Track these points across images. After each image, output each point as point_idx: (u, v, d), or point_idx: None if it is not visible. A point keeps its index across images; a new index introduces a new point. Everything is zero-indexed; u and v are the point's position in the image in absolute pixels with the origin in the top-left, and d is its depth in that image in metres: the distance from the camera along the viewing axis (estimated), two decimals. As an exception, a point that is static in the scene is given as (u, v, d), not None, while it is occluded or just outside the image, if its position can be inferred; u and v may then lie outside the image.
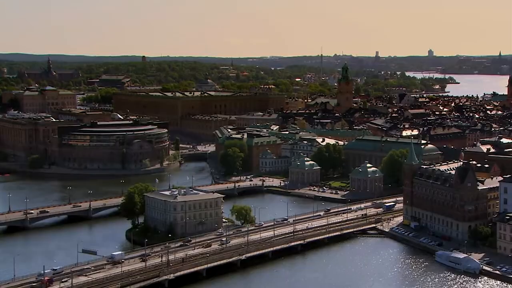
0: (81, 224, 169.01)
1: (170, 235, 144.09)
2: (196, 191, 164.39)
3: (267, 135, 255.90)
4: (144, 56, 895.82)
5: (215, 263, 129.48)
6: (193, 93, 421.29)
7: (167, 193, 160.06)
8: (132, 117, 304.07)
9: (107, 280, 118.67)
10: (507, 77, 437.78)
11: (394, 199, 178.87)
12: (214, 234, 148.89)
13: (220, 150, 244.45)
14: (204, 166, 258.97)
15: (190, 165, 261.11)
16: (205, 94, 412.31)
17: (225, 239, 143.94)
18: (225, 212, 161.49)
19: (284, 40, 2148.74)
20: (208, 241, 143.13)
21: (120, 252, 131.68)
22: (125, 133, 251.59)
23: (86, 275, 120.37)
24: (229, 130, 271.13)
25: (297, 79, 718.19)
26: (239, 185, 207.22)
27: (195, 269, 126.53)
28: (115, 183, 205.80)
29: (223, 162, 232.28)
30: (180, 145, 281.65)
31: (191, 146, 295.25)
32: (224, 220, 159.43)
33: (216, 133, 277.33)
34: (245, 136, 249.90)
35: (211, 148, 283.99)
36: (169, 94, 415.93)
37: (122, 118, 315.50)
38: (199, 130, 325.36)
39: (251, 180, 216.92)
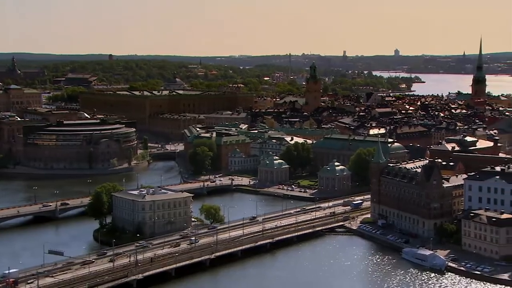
0: (48, 224, 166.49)
1: (138, 235, 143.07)
2: (164, 191, 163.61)
3: (236, 134, 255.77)
4: (111, 55, 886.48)
5: (184, 263, 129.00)
6: (161, 92, 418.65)
7: (135, 192, 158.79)
8: (99, 116, 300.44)
9: (74, 281, 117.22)
10: (471, 76, 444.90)
11: (362, 197, 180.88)
12: (180, 234, 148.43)
13: (189, 149, 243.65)
14: (173, 165, 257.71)
15: (159, 164, 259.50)
16: (174, 93, 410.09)
17: (194, 238, 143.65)
18: (194, 211, 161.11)
19: (253, 39, 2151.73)
20: (177, 241, 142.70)
21: (15, 270, 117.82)
22: (92, 132, 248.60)
23: (52, 276, 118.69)
24: (197, 129, 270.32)
25: (265, 78, 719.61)
26: (208, 184, 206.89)
27: (164, 268, 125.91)
28: (82, 183, 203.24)
29: (192, 161, 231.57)
30: (149, 144, 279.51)
31: (160, 145, 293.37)
32: (193, 219, 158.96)
33: (185, 132, 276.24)
34: (214, 135, 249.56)
35: (179, 147, 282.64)
36: (137, 93, 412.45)
37: (89, 117, 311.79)
38: (168, 129, 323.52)
39: (221, 180, 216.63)
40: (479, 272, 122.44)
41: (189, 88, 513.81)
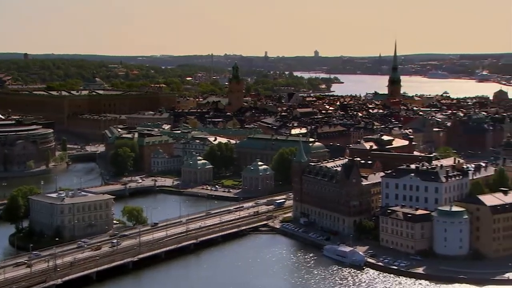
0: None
1: (57, 239, 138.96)
2: (85, 193, 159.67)
3: (158, 134, 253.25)
4: (26, 54, 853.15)
5: (106, 266, 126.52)
6: (81, 92, 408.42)
7: (53, 195, 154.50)
8: (15, 117, 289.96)
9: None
10: (387, 77, 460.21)
11: (284, 196, 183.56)
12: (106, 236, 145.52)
13: (110, 150, 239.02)
14: (93, 166, 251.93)
15: (78, 166, 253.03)
16: (93, 93, 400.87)
17: (116, 241, 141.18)
18: (116, 213, 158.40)
19: (175, 39, 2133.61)
20: (99, 244, 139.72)
21: None
22: (6, 133, 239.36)
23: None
24: (119, 129, 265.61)
25: (188, 78, 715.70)
26: (130, 186, 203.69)
27: (84, 272, 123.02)
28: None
29: (113, 163, 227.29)
30: (68, 146, 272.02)
31: (79, 147, 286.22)
32: (115, 221, 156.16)
33: (106, 133, 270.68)
34: (136, 135, 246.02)
35: (100, 148, 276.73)
36: (54, 93, 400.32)
37: (3, 118, 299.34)
38: (88, 130, 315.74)
39: (143, 180, 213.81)
40: (396, 267, 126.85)
41: (109, 88, 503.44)
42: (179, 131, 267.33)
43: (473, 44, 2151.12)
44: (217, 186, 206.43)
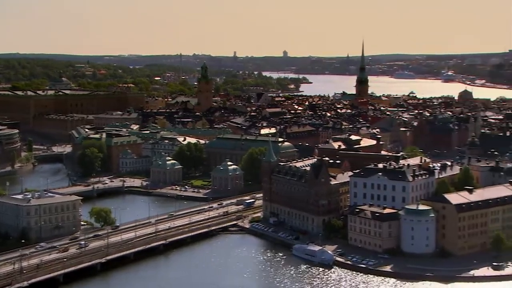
0: None
1: (23, 241, 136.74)
2: (51, 194, 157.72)
3: (127, 134, 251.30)
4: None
5: (73, 268, 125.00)
6: (47, 92, 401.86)
7: (19, 196, 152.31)
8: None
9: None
10: (355, 77, 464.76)
11: (254, 196, 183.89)
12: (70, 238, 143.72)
13: (77, 150, 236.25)
14: (60, 167, 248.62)
15: (45, 167, 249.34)
16: (60, 92, 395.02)
17: (83, 242, 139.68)
18: (84, 214, 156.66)
19: (143, 39, 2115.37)
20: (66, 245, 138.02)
21: None
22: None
23: None
24: (86, 130, 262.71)
25: (156, 78, 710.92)
26: (98, 187, 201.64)
27: (51, 275, 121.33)
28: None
29: (81, 163, 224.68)
30: (34, 146, 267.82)
31: (46, 147, 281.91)
32: (82, 223, 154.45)
33: (73, 133, 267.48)
34: (104, 135, 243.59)
35: (67, 148, 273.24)
36: (20, 92, 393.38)
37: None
38: (54, 130, 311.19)
39: (112, 181, 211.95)
40: (364, 266, 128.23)
41: (76, 88, 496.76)
42: (147, 131, 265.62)
43: (438, 45, 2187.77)
44: (186, 186, 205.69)
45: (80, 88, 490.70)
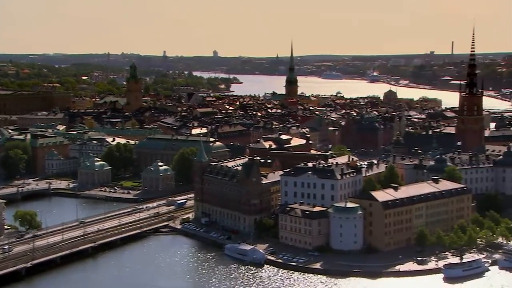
0: None
1: None
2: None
3: (53, 135, 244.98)
4: None
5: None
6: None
7: None
8: None
9: None
10: (284, 77, 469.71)
11: (185, 196, 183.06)
12: None
13: (0, 152, 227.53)
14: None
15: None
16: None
17: (7, 247, 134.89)
18: (8, 218, 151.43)
19: (69, 37, 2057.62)
20: None
21: None
22: None
23: None
24: (9, 130, 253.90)
25: (83, 78, 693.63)
26: (22, 189, 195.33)
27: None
28: None
29: (4, 165, 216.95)
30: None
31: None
32: (6, 226, 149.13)
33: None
34: (29, 136, 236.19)
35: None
36: None
37: None
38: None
39: (37, 184, 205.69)
40: (294, 263, 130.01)
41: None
42: (75, 132, 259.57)
43: (364, 47, 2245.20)
44: (116, 187, 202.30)
45: (2, 87, 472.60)
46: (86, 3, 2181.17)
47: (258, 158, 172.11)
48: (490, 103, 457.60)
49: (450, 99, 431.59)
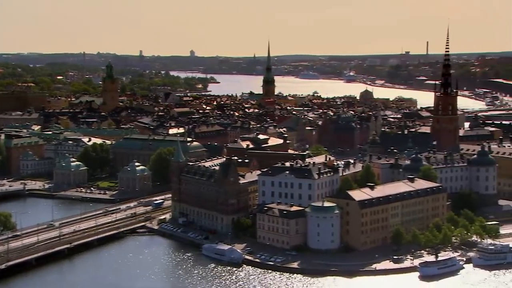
0: None
1: None
2: None
3: (27, 135, 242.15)
4: None
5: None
6: None
7: None
8: None
9: None
10: (262, 77, 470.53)
11: (163, 197, 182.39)
12: None
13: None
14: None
15: None
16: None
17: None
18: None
19: (44, 36, 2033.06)
20: None
21: None
22: None
23: None
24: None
25: (59, 77, 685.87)
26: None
27: None
28: None
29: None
30: None
31: None
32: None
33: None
34: (3, 137, 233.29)
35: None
36: None
37: None
38: None
39: (11, 185, 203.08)
40: (272, 263, 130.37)
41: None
42: (50, 132, 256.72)
43: (340, 47, 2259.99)
44: (92, 188, 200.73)
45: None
46: (61, 2, 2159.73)
47: (235, 158, 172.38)
48: (464, 103, 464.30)
49: (425, 99, 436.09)
